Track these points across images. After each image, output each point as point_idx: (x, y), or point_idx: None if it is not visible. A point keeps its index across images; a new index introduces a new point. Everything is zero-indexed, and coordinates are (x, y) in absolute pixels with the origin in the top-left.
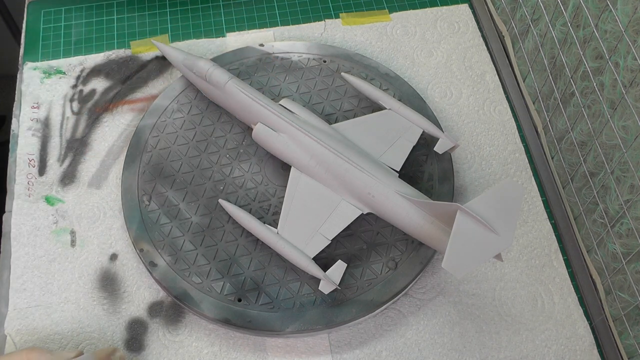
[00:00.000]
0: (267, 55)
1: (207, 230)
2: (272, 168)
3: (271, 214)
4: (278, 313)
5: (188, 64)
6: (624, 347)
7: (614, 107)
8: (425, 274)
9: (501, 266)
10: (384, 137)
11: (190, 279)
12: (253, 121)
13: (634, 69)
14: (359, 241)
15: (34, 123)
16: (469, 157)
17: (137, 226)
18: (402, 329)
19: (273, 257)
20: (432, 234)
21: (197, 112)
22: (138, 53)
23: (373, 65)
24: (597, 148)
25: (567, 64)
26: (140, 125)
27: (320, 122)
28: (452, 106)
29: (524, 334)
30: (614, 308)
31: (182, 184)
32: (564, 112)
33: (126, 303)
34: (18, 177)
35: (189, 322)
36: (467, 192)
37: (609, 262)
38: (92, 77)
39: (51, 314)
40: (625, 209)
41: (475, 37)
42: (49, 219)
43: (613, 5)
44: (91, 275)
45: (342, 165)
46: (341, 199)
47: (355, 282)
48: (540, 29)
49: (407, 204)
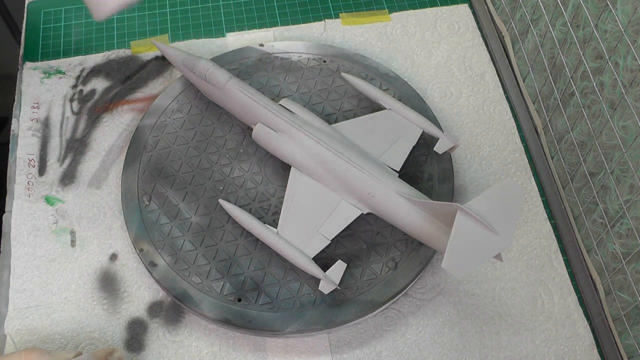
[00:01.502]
0: (267, 55)
1: (207, 230)
2: (272, 168)
3: (271, 214)
4: (278, 313)
5: (188, 64)
6: (623, 347)
7: (614, 107)
8: (425, 274)
9: (501, 266)
10: (383, 137)
11: (190, 279)
12: (253, 121)
13: (634, 69)
14: (359, 241)
15: (34, 123)
16: (469, 157)
17: (137, 226)
18: (402, 329)
19: (273, 257)
20: (432, 234)
21: (197, 112)
22: (138, 53)
23: (373, 65)
24: (597, 148)
25: (567, 64)
26: (140, 125)
27: (320, 122)
28: (452, 106)
29: (523, 334)
30: (614, 308)
31: (182, 184)
32: (564, 112)
33: (126, 303)
34: (18, 177)
35: (189, 322)
36: (467, 192)
37: (609, 262)
38: (92, 77)
39: (51, 314)
40: (625, 209)
41: (475, 37)
42: (49, 219)
43: (613, 5)
44: (91, 275)
45: (342, 165)
46: (341, 199)
47: (355, 282)
48: (540, 29)
49: (407, 204)
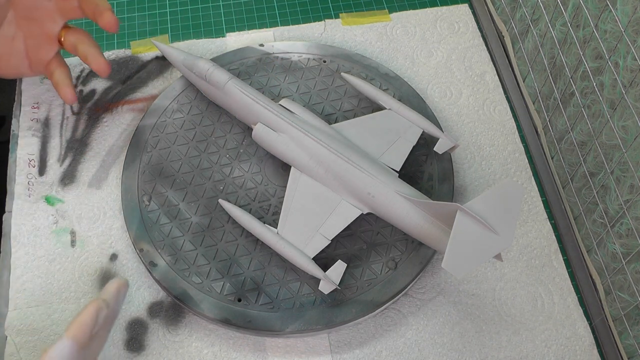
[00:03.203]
0: (267, 55)
1: (207, 230)
2: (272, 168)
3: (271, 214)
4: (278, 313)
5: (188, 64)
6: (623, 347)
7: (614, 107)
8: (425, 274)
9: (501, 266)
10: (384, 137)
11: (190, 279)
12: (253, 121)
13: (634, 69)
14: (359, 241)
15: (34, 123)
16: (469, 157)
17: (137, 226)
18: (402, 329)
19: (273, 257)
20: (432, 234)
21: (197, 112)
22: (138, 53)
23: (373, 65)
24: (597, 148)
25: (567, 64)
26: (140, 125)
27: (320, 122)
28: (452, 106)
29: (523, 334)
30: (614, 308)
31: (182, 184)
32: (564, 112)
33: (126, 303)
34: (18, 177)
35: (189, 322)
36: (467, 192)
37: (609, 262)
38: (92, 77)
39: (51, 314)
40: (625, 209)
41: (475, 37)
42: (49, 219)
43: (613, 6)
44: (91, 275)
45: (342, 165)
46: (341, 199)
47: (355, 282)
48: (540, 29)
49: (407, 204)
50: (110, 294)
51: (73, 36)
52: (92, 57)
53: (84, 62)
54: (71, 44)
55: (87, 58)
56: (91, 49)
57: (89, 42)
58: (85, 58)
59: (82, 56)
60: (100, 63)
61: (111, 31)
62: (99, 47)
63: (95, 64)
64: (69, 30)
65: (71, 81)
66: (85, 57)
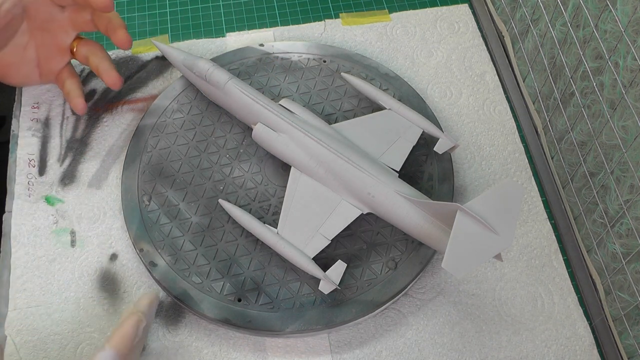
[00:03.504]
0: (267, 55)
1: (207, 230)
2: (272, 168)
3: (271, 214)
4: (278, 313)
5: (188, 64)
6: (623, 347)
7: (614, 107)
8: (425, 274)
9: (501, 266)
10: (384, 137)
11: (190, 279)
12: (253, 121)
13: (634, 69)
14: (359, 241)
15: (34, 123)
16: (469, 157)
17: (137, 226)
18: (402, 329)
19: (273, 257)
20: (432, 234)
21: (197, 112)
22: (138, 53)
23: (373, 65)
24: (597, 148)
25: (567, 64)
26: (140, 125)
27: (320, 122)
28: (452, 106)
29: (523, 334)
30: (614, 308)
31: (182, 184)
32: (564, 112)
33: (126, 303)
34: (18, 177)
35: (189, 322)
36: (467, 192)
37: (609, 262)
38: (92, 77)
39: (51, 314)
40: (625, 209)
41: (475, 37)
42: (49, 219)
43: (613, 5)
44: (91, 275)
45: (342, 165)
46: (341, 199)
47: (355, 282)
48: (540, 29)
49: (407, 204)
50: (145, 307)
51: (85, 47)
52: (104, 70)
53: (96, 74)
54: (83, 56)
55: (99, 71)
56: (103, 62)
57: (102, 54)
58: (97, 70)
59: (94, 68)
60: (112, 76)
61: (123, 49)
62: (111, 60)
63: (107, 77)
64: (81, 41)
65: (82, 91)
66: (97, 70)
